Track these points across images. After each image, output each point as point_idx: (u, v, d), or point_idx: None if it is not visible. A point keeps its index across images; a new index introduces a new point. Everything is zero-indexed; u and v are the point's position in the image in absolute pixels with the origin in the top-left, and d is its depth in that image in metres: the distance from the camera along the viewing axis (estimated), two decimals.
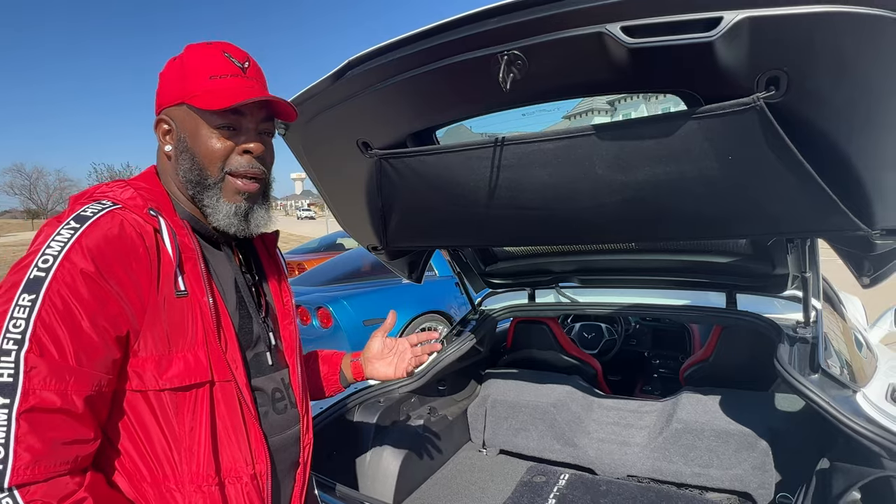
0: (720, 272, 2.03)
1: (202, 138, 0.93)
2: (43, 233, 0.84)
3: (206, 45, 0.96)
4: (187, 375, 0.87)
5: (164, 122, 0.96)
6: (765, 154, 1.14)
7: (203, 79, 0.92)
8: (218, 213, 0.96)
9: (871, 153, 1.12)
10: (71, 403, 0.77)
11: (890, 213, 1.22)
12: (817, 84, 1.02)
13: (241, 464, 0.93)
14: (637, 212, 1.41)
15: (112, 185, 0.93)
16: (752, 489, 1.82)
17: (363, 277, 5.83)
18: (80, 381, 0.78)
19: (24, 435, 0.73)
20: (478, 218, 1.64)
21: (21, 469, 0.73)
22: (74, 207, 0.87)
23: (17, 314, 0.76)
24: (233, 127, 0.94)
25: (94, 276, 0.80)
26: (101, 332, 0.81)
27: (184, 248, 0.91)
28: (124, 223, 0.86)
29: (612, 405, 2.23)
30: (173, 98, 0.94)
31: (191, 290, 0.89)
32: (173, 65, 0.96)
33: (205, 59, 0.94)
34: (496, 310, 2.51)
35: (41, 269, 0.79)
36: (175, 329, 0.87)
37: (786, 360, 1.61)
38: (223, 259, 1.02)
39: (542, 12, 1.05)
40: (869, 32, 0.90)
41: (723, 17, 0.95)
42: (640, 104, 4.19)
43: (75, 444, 0.78)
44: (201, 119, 0.93)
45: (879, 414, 1.42)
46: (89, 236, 0.82)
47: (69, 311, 0.78)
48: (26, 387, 0.74)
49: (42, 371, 0.75)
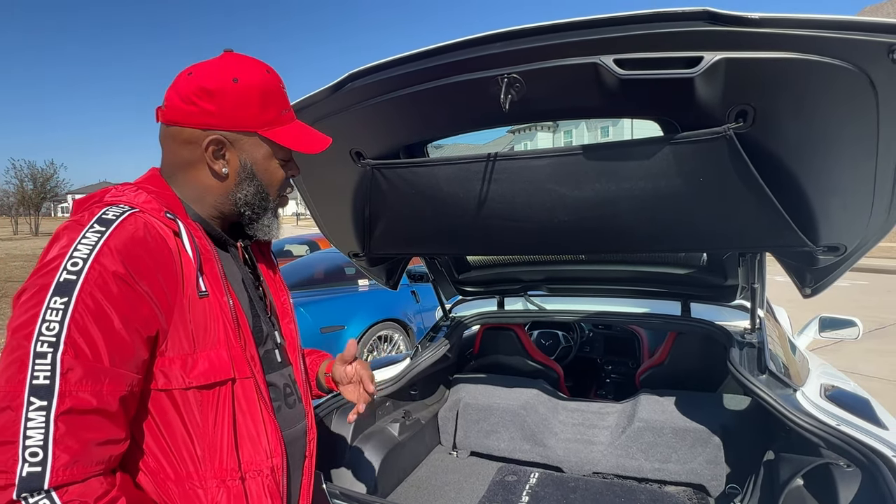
0: (677, 283, 2.21)
1: (272, 169, 1.02)
2: (64, 236, 0.84)
3: (261, 67, 0.97)
4: (212, 373, 0.89)
5: (219, 142, 0.96)
6: (731, 178, 1.29)
7: (277, 111, 0.99)
8: (272, 228, 1.06)
9: (818, 181, 1.29)
10: (106, 404, 0.78)
11: (832, 233, 1.41)
12: (779, 119, 1.17)
13: (262, 457, 0.96)
14: (615, 225, 1.53)
15: (122, 189, 0.93)
16: (705, 481, 1.98)
17: (317, 285, 5.76)
18: (115, 382, 0.79)
19: (61, 436, 0.74)
20: (463, 228, 1.72)
21: (59, 470, 0.73)
22: (92, 211, 0.87)
23: (49, 317, 0.76)
24: (288, 159, 1.05)
25: (125, 278, 0.82)
26: (132, 332, 0.82)
27: (202, 249, 0.93)
28: (148, 225, 0.87)
29: (575, 407, 2.36)
30: (242, 125, 0.96)
31: (211, 291, 0.91)
32: (235, 87, 0.93)
33: (274, 91, 0.98)
34: (467, 316, 2.60)
35: (71, 272, 0.79)
36: (199, 329, 0.89)
37: (737, 363, 1.78)
38: (230, 260, 1.05)
39: (543, 41, 1.15)
40: (824, 78, 1.06)
41: (703, 56, 1.08)
42: (581, 124, 4.35)
43: (109, 445, 0.79)
44: (270, 150, 1.00)
45: (817, 409, 1.60)
46: (117, 238, 0.83)
47: (102, 313, 0.79)
48: (63, 389, 0.74)
49: (78, 372, 0.76)
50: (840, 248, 1.46)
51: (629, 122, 1.49)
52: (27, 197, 38.55)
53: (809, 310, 4.02)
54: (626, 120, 1.43)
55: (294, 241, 9.78)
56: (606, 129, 31.47)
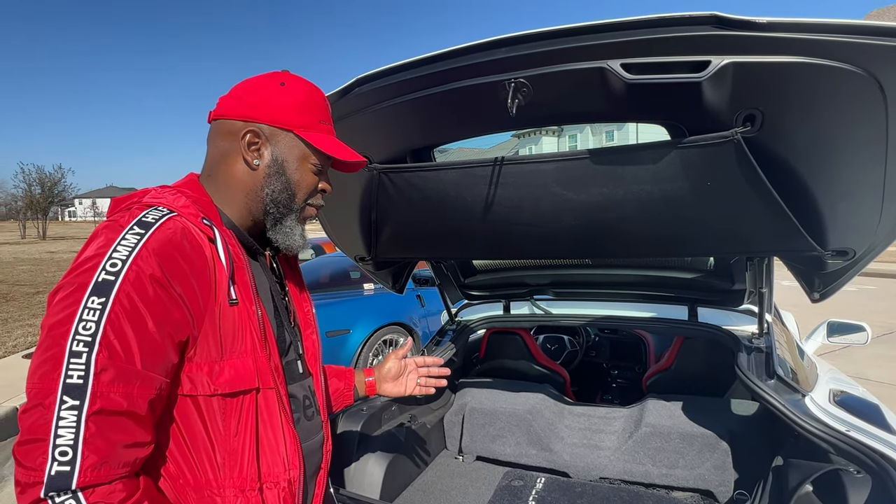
0: (684, 287, 2.20)
1: (302, 170, 1.02)
2: (102, 236, 0.84)
3: (313, 87, 1.04)
4: (237, 382, 0.89)
5: (255, 133, 0.98)
6: (738, 182, 1.28)
7: (316, 119, 1.02)
8: (294, 234, 1.05)
9: (827, 185, 1.29)
10: (136, 406, 0.78)
11: (841, 237, 1.40)
12: (787, 123, 1.17)
13: (280, 469, 0.95)
14: (621, 230, 1.53)
15: (161, 192, 0.93)
16: (713, 487, 1.97)
17: (323, 289, 5.77)
18: (145, 385, 0.79)
19: (91, 437, 0.74)
20: (469, 232, 1.73)
21: (88, 471, 0.73)
22: (133, 212, 0.87)
23: (86, 316, 0.77)
24: (322, 169, 1.06)
25: (162, 281, 0.82)
26: (164, 336, 0.82)
27: (235, 257, 0.93)
28: (185, 230, 0.87)
29: (582, 412, 2.35)
30: (280, 121, 0.99)
31: (241, 300, 0.91)
32: (280, 89, 0.99)
33: (317, 101, 1.03)
34: (473, 320, 2.60)
35: (109, 272, 0.79)
36: (227, 336, 0.89)
37: (745, 368, 1.77)
38: (259, 269, 1.04)
39: (550, 46, 1.16)
40: (833, 82, 1.06)
41: (711, 60, 1.08)
42: (586, 128, 4.29)
43: (135, 447, 0.79)
44: (306, 152, 1.02)
45: (826, 415, 1.59)
46: (155, 241, 0.83)
47: (138, 315, 0.79)
48: (95, 389, 0.75)
49: (111, 373, 0.76)
50: (849, 253, 1.45)
51: (634, 125, 1.49)
52: (35, 201, 38.84)
53: (817, 314, 4.00)
54: (631, 123, 1.43)
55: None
56: (611, 133, 31.41)
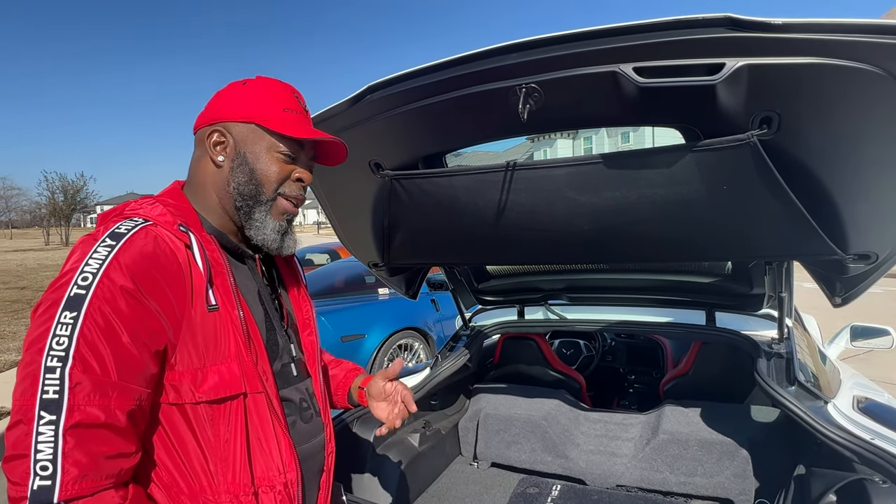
0: (702, 291, 2.17)
1: (266, 159, 1.00)
2: (78, 250, 0.85)
3: (278, 81, 1.03)
4: (222, 388, 0.89)
5: (220, 133, 1.00)
6: (755, 185, 1.26)
7: (277, 108, 1.00)
8: (265, 228, 1.02)
9: (847, 187, 1.26)
10: (114, 418, 0.78)
11: (862, 240, 1.37)
12: (805, 125, 1.15)
13: (275, 472, 0.95)
14: (636, 235, 1.51)
15: (141, 203, 0.95)
16: (733, 496, 1.93)
17: (338, 294, 5.81)
18: (123, 396, 0.80)
19: (70, 450, 0.74)
20: (481, 238, 1.72)
21: (69, 484, 0.73)
22: (107, 225, 0.88)
23: (59, 331, 0.77)
24: (292, 156, 1.02)
25: (133, 293, 0.82)
26: (140, 347, 0.82)
27: (213, 262, 0.93)
28: (158, 239, 0.87)
29: (598, 418, 2.33)
30: (241, 116, 0.99)
31: (221, 304, 0.91)
32: (241, 87, 1.01)
33: (279, 92, 1.02)
34: (487, 326, 2.59)
35: (81, 286, 0.80)
36: (209, 343, 0.89)
37: (765, 374, 1.74)
38: (246, 272, 1.04)
39: (561, 51, 1.15)
40: (851, 83, 1.03)
41: (725, 63, 1.07)
42: (601, 131, 4.18)
43: (119, 458, 0.79)
44: (270, 141, 1.00)
45: (849, 423, 1.55)
46: (126, 253, 0.83)
47: (110, 328, 0.80)
48: (71, 403, 0.75)
49: (86, 387, 0.77)
50: (871, 257, 1.42)
51: (650, 128, 1.47)
52: (58, 208, 39.78)
53: (840, 317, 3.90)
54: (647, 126, 1.41)
55: (315, 251, 9.90)
56: (627, 136, 31.15)
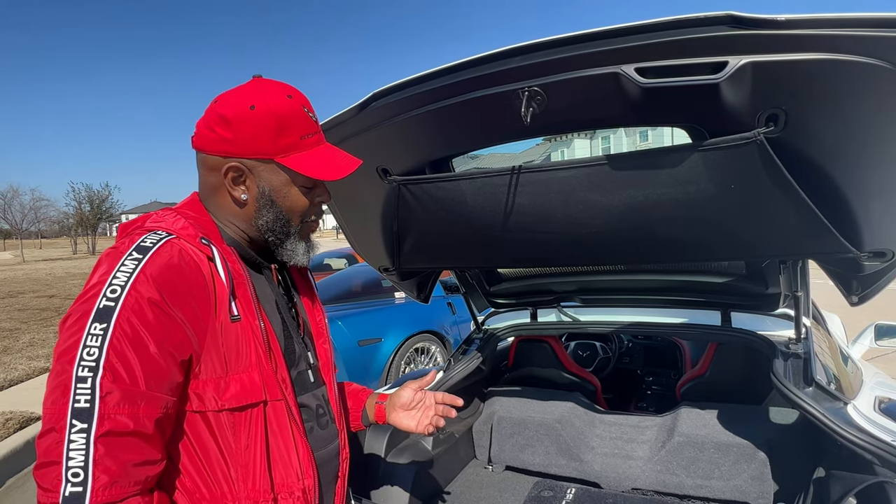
0: (716, 292, 2.14)
1: (291, 196, 1.01)
2: (105, 263, 0.88)
3: (284, 96, 0.97)
4: (244, 396, 0.92)
5: (237, 169, 0.97)
6: (764, 183, 1.24)
7: (296, 137, 0.97)
8: (297, 253, 1.06)
9: (859, 184, 1.23)
10: (143, 426, 0.81)
11: (876, 237, 1.34)
12: (812, 122, 1.13)
13: (293, 479, 0.97)
14: (645, 236, 1.50)
15: (162, 215, 0.97)
16: (751, 499, 1.89)
17: (355, 298, 5.85)
18: (150, 405, 0.83)
19: (101, 458, 0.77)
20: (490, 241, 1.72)
21: (99, 491, 0.76)
22: (131, 238, 0.91)
23: (90, 342, 0.80)
24: (313, 185, 1.05)
25: (160, 304, 0.85)
26: (167, 357, 0.85)
27: (235, 274, 0.95)
28: (183, 252, 0.90)
29: (613, 420, 2.30)
30: (258, 152, 0.96)
31: (243, 315, 0.93)
32: (251, 114, 0.94)
33: (294, 117, 0.97)
34: (500, 328, 2.58)
35: (110, 298, 0.83)
36: (231, 352, 0.91)
37: (782, 375, 1.71)
38: (264, 282, 1.06)
39: (562, 53, 1.15)
40: (858, 78, 1.01)
41: (728, 61, 1.06)
42: (619, 130, 4.14)
43: (146, 465, 0.82)
44: (290, 177, 1.00)
45: (870, 424, 1.51)
46: (152, 266, 0.86)
47: (139, 338, 0.82)
48: (102, 411, 0.78)
49: (116, 396, 0.80)
50: (887, 254, 1.39)
51: (668, 127, 1.45)
52: (85, 218, 40.83)
53: (865, 315, 3.80)
54: (652, 127, 1.41)
55: (333, 255, 9.98)
56: (645, 134, 30.56)
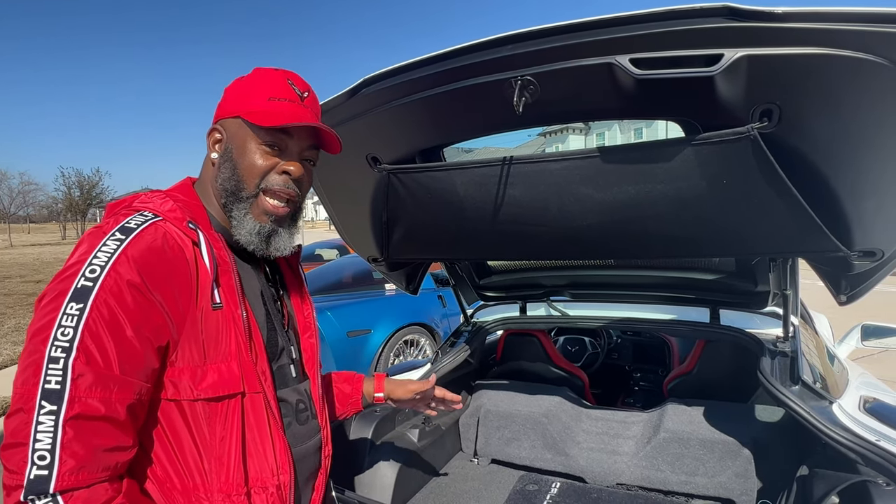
0: (705, 289, 2.13)
1: (248, 152, 0.96)
2: (86, 242, 0.85)
3: (273, 70, 1.01)
4: (221, 386, 0.89)
5: (217, 131, 1.00)
6: (756, 179, 1.23)
7: (262, 98, 0.97)
8: (242, 227, 0.98)
9: (851, 182, 1.22)
10: (114, 411, 0.79)
11: (867, 237, 1.33)
12: (807, 119, 1.12)
13: (268, 474, 0.94)
14: (637, 230, 1.49)
15: (151, 196, 0.94)
16: (735, 496, 1.90)
17: (345, 289, 5.82)
18: (123, 390, 0.80)
19: (69, 441, 0.75)
20: (480, 233, 1.70)
21: (66, 475, 0.74)
22: (118, 218, 0.88)
23: (64, 322, 0.77)
24: (279, 147, 0.98)
25: (140, 287, 0.82)
26: (143, 341, 0.82)
27: (220, 261, 0.92)
28: (167, 235, 0.87)
29: (599, 416, 2.30)
30: (231, 111, 0.98)
31: (225, 303, 0.91)
32: (239, 82, 1.01)
33: (267, 82, 0.99)
34: (489, 322, 2.57)
35: (88, 278, 0.80)
36: (210, 341, 0.89)
37: (768, 373, 1.71)
38: (251, 272, 1.04)
39: (556, 42, 1.13)
40: (855, 74, 1.00)
41: (723, 54, 1.04)
42: (614, 125, 4.11)
43: (116, 451, 0.80)
44: (251, 133, 0.96)
45: (854, 423, 1.52)
46: (135, 247, 0.83)
47: (115, 321, 0.80)
48: (72, 394, 0.75)
49: (88, 379, 0.77)
50: (876, 254, 1.38)
51: (663, 122, 1.44)
52: (74, 203, 40.38)
53: (852, 316, 3.83)
54: (644, 120, 1.39)
55: (324, 246, 9.94)
56: (640, 130, 30.74)
